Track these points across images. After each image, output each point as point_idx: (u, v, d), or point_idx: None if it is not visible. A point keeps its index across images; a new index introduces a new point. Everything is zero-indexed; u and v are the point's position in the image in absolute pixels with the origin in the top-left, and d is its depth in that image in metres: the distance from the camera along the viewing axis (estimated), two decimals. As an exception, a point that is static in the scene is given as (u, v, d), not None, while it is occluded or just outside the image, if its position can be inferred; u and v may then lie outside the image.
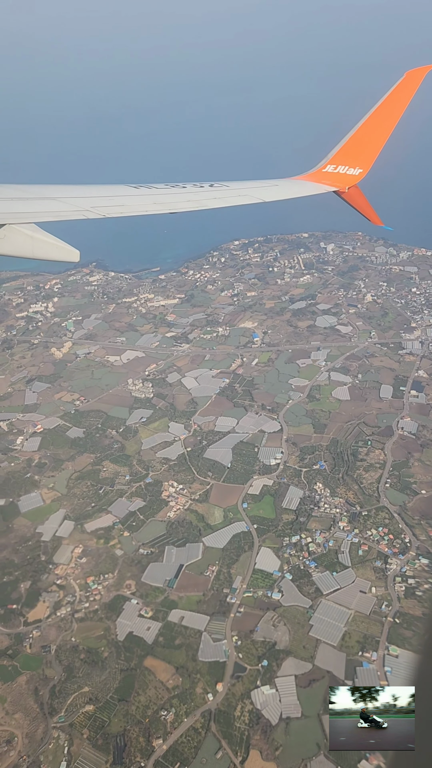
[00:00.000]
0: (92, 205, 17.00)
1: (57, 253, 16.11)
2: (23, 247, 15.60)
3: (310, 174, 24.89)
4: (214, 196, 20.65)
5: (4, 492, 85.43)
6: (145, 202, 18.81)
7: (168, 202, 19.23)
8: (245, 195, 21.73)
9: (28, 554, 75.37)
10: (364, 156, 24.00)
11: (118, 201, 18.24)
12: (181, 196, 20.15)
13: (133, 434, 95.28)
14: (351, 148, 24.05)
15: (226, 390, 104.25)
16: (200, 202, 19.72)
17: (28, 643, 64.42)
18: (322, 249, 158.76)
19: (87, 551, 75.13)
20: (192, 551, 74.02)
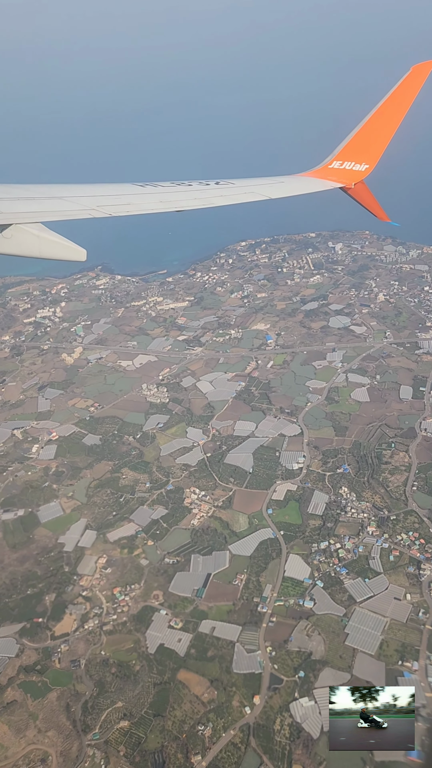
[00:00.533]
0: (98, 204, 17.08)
1: (64, 253, 16.06)
2: (30, 247, 15.59)
3: (316, 170, 24.83)
4: (220, 194, 20.62)
5: (22, 502, 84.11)
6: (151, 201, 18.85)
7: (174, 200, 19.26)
8: (251, 192, 21.73)
9: (51, 565, 74.10)
10: (371, 152, 23.89)
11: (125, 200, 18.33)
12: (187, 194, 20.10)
13: (151, 440, 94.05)
14: (357, 143, 23.98)
15: (242, 393, 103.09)
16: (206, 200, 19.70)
17: (56, 658, 63.14)
18: (331, 248, 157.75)
19: (111, 561, 73.86)
20: (219, 559, 72.82)
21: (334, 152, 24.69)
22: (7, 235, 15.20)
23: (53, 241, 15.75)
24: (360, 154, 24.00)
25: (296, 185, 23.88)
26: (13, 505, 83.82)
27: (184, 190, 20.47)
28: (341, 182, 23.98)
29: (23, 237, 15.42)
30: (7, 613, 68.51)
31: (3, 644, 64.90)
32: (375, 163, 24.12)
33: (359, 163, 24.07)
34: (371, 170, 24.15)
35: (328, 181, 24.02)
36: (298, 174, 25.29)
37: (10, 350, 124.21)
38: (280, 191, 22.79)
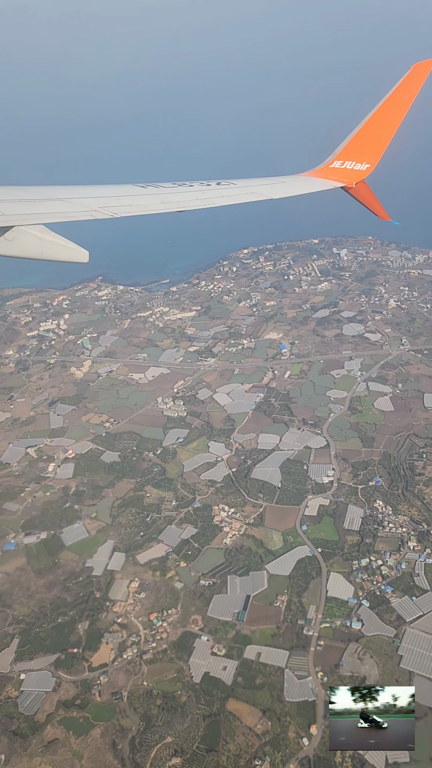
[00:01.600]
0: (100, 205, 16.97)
1: (66, 254, 16.13)
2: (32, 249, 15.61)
3: (318, 170, 24.82)
4: (222, 194, 20.60)
5: (44, 524, 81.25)
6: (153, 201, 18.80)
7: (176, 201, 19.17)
8: (253, 192, 21.76)
9: (80, 591, 71.34)
10: (371, 151, 23.97)
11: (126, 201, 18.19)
12: (188, 194, 20.09)
13: (172, 456, 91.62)
14: (358, 143, 24.04)
15: (261, 405, 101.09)
16: (208, 200, 19.67)
17: (96, 691, 60.43)
18: (336, 255, 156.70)
19: (144, 585, 71.26)
20: (257, 580, 70.52)
21: (335, 152, 24.69)
22: (9, 237, 15.18)
23: (55, 243, 15.81)
24: (361, 154, 24.04)
25: (298, 185, 23.87)
26: (35, 528, 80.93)
27: (185, 190, 20.48)
28: (342, 182, 24.01)
29: (25, 239, 15.44)
30: (40, 643, 65.63)
31: (38, 678, 62.01)
32: (376, 163, 24.19)
33: (360, 163, 24.13)
34: (372, 169, 24.25)
35: (330, 180, 24.03)
36: (300, 174, 25.23)
37: (16, 365, 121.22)
38: (281, 191, 22.79)
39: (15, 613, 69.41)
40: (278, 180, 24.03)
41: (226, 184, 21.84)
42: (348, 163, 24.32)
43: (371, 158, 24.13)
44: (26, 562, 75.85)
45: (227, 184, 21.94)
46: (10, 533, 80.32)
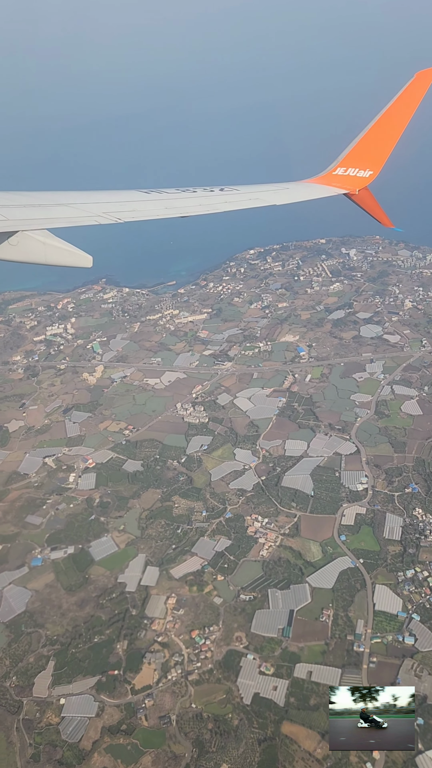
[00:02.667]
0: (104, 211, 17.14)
1: (70, 259, 16.41)
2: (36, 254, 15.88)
3: (321, 177, 25.13)
4: (225, 200, 20.88)
5: (70, 538, 78.70)
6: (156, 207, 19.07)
7: (179, 207, 19.43)
8: (256, 199, 22.02)
9: (115, 609, 68.89)
10: (374, 158, 24.27)
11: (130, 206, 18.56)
12: (192, 200, 20.32)
13: (198, 464, 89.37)
14: (361, 150, 24.32)
15: (285, 410, 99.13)
16: (211, 206, 19.96)
17: (143, 715, 58.01)
18: (345, 255, 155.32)
19: (182, 601, 68.94)
20: (299, 594, 68.49)
21: (338, 159, 24.97)
22: (13, 242, 15.34)
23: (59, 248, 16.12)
24: (364, 161, 24.34)
25: (301, 192, 24.25)
26: (60, 542, 78.37)
27: (188, 196, 20.70)
28: (345, 188, 24.30)
29: (29, 244, 15.66)
30: (77, 665, 63.11)
31: (80, 702, 59.54)
32: (379, 170, 24.50)
33: (363, 170, 24.43)
34: (375, 176, 24.53)
35: (333, 187, 24.33)
36: (303, 180, 25.49)
37: (24, 371, 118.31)
38: (284, 198, 23.08)
39: (48, 633, 66.87)
40: (281, 186, 24.26)
41: (229, 190, 22.00)
42: (351, 170, 24.56)
43: (374, 165, 24.37)
44: (55, 579, 73.27)
45: (230, 190, 22.11)
46: (36, 548, 77.73)
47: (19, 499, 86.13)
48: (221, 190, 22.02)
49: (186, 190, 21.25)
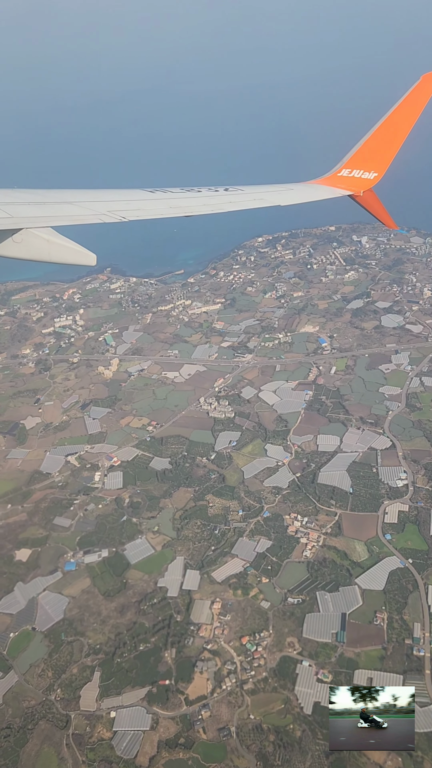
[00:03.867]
0: (109, 209, 17.38)
1: (73, 257, 16.42)
2: (40, 251, 15.91)
3: (325, 178, 25.28)
4: (229, 200, 21.13)
5: (102, 540, 76.43)
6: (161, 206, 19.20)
7: (184, 206, 19.64)
8: (260, 199, 22.21)
9: (158, 615, 66.80)
10: (379, 160, 24.40)
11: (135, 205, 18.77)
12: (196, 200, 20.53)
13: (228, 461, 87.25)
14: (366, 152, 24.47)
15: (313, 403, 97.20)
16: (216, 206, 20.24)
17: (200, 727, 56.16)
18: (356, 242, 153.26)
19: (228, 606, 67.02)
20: (349, 596, 66.83)
21: (343, 160, 25.08)
22: (17, 239, 15.47)
23: (63, 246, 16.10)
24: (369, 163, 24.43)
25: (305, 192, 24.48)
26: (93, 545, 76.06)
27: (193, 196, 20.86)
28: (350, 190, 24.43)
29: (33, 241, 15.71)
30: (125, 676, 61.00)
31: (132, 715, 57.49)
32: (384, 172, 24.59)
33: (368, 171, 24.53)
34: (380, 178, 24.60)
35: (337, 188, 24.47)
36: (308, 181, 25.67)
37: (36, 365, 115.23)
38: (289, 198, 23.25)
39: (90, 641, 64.70)
40: (286, 187, 24.36)
41: (233, 190, 22.19)
42: (356, 172, 24.66)
43: (379, 167, 24.46)
44: (92, 584, 71.03)
45: (235, 190, 22.29)
46: (67, 551, 75.36)
47: (44, 500, 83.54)
48: (226, 190, 22.12)
49: (191, 190, 21.40)
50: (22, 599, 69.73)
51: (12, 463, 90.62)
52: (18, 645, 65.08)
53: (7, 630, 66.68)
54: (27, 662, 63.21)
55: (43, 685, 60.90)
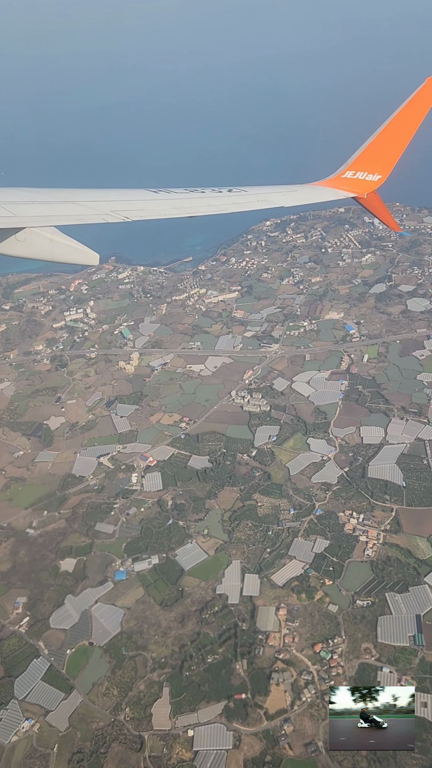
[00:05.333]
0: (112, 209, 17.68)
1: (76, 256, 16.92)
2: (43, 250, 16.23)
3: (329, 180, 25.39)
4: (233, 201, 21.35)
5: (150, 546, 73.73)
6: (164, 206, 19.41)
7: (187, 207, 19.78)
8: (264, 200, 22.62)
9: (222, 624, 64.43)
10: (384, 162, 24.49)
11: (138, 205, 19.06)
12: (200, 200, 20.72)
13: (271, 457, 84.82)
14: (370, 154, 24.54)
15: (350, 394, 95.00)
16: (219, 207, 20.39)
17: (286, 743, 54.05)
18: (369, 224, 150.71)
19: (294, 611, 64.85)
20: (420, 596, 65.04)
21: (347, 162, 25.17)
22: (20, 238, 15.69)
23: (66, 245, 16.36)
24: (373, 165, 24.54)
25: (309, 194, 24.84)
26: (141, 552, 73.35)
27: (196, 196, 21.08)
28: (354, 192, 24.55)
29: (36, 240, 15.90)
30: (197, 690, 58.58)
31: (211, 733, 55.18)
32: (388, 174, 24.66)
33: (372, 174, 24.67)
34: (384, 180, 24.73)
35: (341, 190, 24.62)
36: (312, 183, 25.75)
37: (51, 361, 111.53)
38: (292, 200, 23.78)
39: (153, 655, 62.17)
40: (290, 189, 24.58)
41: (237, 191, 22.36)
42: (360, 174, 24.76)
43: (383, 169, 24.56)
44: (146, 594, 68.36)
45: (239, 191, 22.46)
46: (115, 560, 72.61)
47: (81, 504, 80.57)
48: (230, 191, 22.25)
49: (194, 191, 21.54)
50: (75, 613, 66.91)
51: (42, 467, 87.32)
52: (77, 662, 62.35)
53: (63, 646, 63.92)
54: (89, 681, 60.53)
55: (110, 705, 58.32)
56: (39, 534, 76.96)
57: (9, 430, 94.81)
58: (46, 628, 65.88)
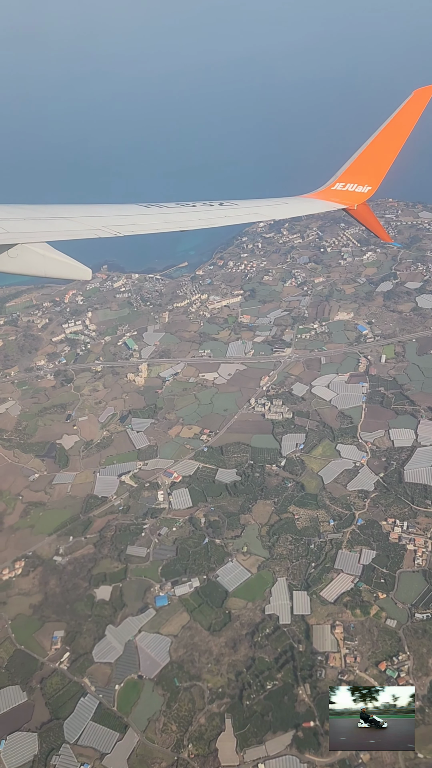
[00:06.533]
0: (104, 224, 17.74)
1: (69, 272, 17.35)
2: (35, 266, 16.54)
3: (319, 192, 25.53)
4: (224, 215, 21.52)
5: (190, 568, 70.89)
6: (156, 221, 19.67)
7: (179, 221, 20.08)
8: (255, 213, 22.98)
9: (276, 647, 61.82)
10: (373, 174, 24.75)
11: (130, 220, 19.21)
12: (191, 214, 20.92)
13: (301, 467, 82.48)
14: (359, 166, 24.81)
15: (373, 396, 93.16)
16: (210, 221, 20.59)
17: (365, 773, 51.21)
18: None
19: (350, 629, 62.49)
20: None
21: (336, 174, 25.40)
22: (12, 254, 15.98)
23: (58, 261, 16.86)
24: (362, 176, 24.80)
25: (300, 206, 25.08)
26: (179, 574, 70.39)
27: (188, 210, 21.19)
28: (344, 203, 24.73)
29: (28, 256, 16.28)
30: (261, 721, 55.86)
31: (284, 766, 52.32)
32: (377, 185, 24.91)
33: (362, 185, 24.87)
34: (374, 192, 24.94)
35: (331, 202, 24.75)
36: (302, 195, 25.84)
37: (55, 377, 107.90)
38: (283, 212, 24.29)
39: (209, 685, 59.33)
40: (281, 201, 24.62)
41: (228, 205, 22.43)
42: (350, 186, 24.92)
43: (372, 181, 24.78)
44: (191, 619, 65.43)
45: (230, 204, 22.52)
46: (153, 584, 69.55)
47: (108, 527, 77.36)
48: (221, 204, 22.33)
49: (185, 205, 21.54)
50: (118, 644, 63.71)
51: (61, 489, 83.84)
52: (127, 698, 59.19)
53: (110, 682, 60.69)
54: (144, 717, 57.39)
55: (170, 742, 55.28)
56: (68, 561, 73.57)
57: (20, 452, 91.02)
58: (89, 663, 62.55)
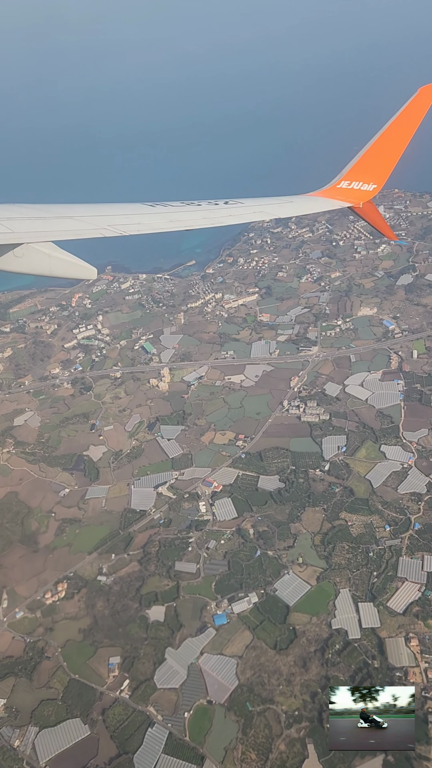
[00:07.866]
0: (109, 224, 17.81)
1: (74, 271, 17.47)
2: (41, 265, 16.65)
3: (325, 190, 25.61)
4: (229, 213, 21.58)
5: (245, 583, 68.28)
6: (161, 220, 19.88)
7: (184, 220, 20.20)
8: (260, 212, 23.10)
9: (350, 663, 59.35)
10: (378, 172, 24.82)
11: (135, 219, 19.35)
12: (196, 213, 21.06)
13: (347, 470, 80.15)
14: (365, 164, 24.85)
15: (410, 393, 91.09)
16: (215, 219, 20.72)
17: (465, 796, 48.96)
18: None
19: (426, 641, 60.10)
20: None
21: (342, 172, 25.47)
22: (18, 253, 16.04)
23: (64, 260, 16.94)
24: (368, 175, 24.86)
25: (305, 205, 25.33)
26: (234, 590, 67.72)
27: (193, 209, 21.24)
28: (349, 202, 24.80)
29: (34, 256, 16.38)
30: (345, 745, 52.91)
31: (378, 794, 49.72)
32: (383, 184, 24.95)
33: (367, 183, 24.94)
34: (379, 190, 24.98)
35: (337, 200, 24.81)
36: (307, 194, 25.95)
37: (73, 385, 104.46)
38: (288, 211, 24.36)
39: (284, 708, 56.72)
40: (286, 200, 24.71)
41: (233, 204, 22.52)
42: (355, 184, 24.98)
43: (378, 179, 24.84)
44: (254, 637, 62.78)
45: (235, 203, 22.60)
46: (208, 602, 66.85)
47: (151, 543, 74.44)
48: (226, 203, 22.37)
49: (191, 204, 21.59)
50: (180, 668, 60.91)
51: (95, 504, 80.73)
52: (199, 726, 56.40)
53: (178, 709, 57.85)
54: (219, 746, 54.64)
55: (251, 773, 52.43)
56: (113, 581, 70.59)
57: (46, 465, 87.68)
58: (152, 689, 59.65)
